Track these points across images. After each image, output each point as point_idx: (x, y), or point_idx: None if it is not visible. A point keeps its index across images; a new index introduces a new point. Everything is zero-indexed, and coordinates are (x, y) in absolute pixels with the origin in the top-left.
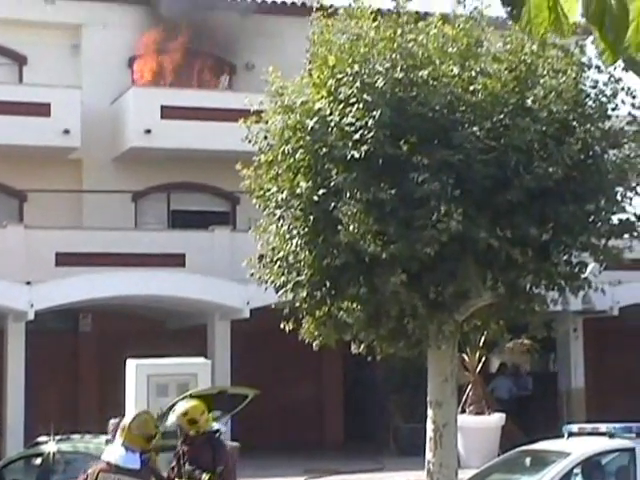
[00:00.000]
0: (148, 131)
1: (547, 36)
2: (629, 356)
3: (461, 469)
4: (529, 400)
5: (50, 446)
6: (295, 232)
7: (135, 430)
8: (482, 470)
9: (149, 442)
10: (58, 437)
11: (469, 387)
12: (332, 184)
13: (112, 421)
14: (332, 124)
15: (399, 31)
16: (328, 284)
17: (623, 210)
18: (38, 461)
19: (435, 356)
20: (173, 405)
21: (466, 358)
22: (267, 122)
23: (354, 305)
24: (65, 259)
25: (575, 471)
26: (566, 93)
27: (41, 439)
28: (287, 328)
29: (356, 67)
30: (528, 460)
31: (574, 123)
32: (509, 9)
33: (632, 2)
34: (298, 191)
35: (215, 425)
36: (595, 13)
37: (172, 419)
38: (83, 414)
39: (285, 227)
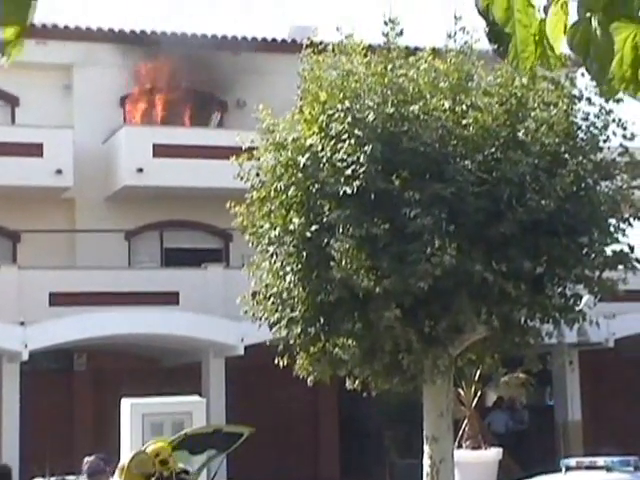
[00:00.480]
0: (140, 170)
1: (536, 69)
2: (626, 388)
3: None
4: (525, 434)
5: None
6: (288, 268)
7: (134, 469)
8: None
9: None
10: (53, 478)
11: (465, 422)
12: (325, 220)
13: (87, 459)
14: (324, 160)
15: (390, 66)
16: (322, 320)
17: (616, 242)
18: None
19: (430, 391)
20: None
21: (461, 392)
22: (259, 159)
23: (349, 341)
24: (59, 299)
25: None
26: (557, 125)
27: None
28: (281, 364)
29: (347, 103)
30: None
31: (566, 155)
32: (495, 46)
33: (618, 34)
34: (291, 227)
35: (181, 465)
36: (580, 43)
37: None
38: (78, 454)
39: (278, 264)
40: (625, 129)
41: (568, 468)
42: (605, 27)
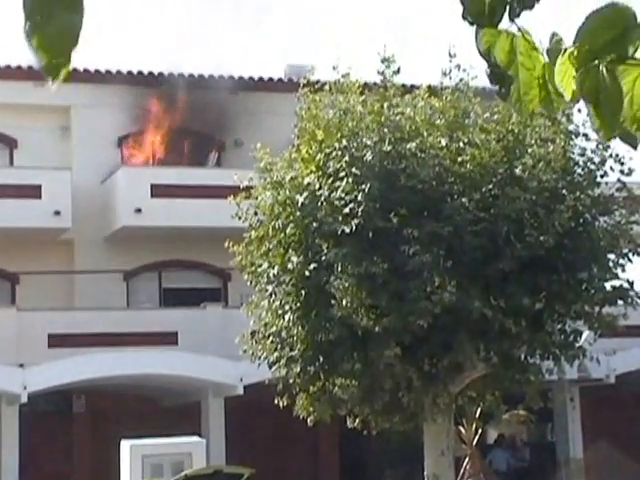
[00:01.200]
0: (138, 210)
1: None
2: (627, 424)
3: None
4: (527, 471)
5: None
6: (287, 307)
7: None
8: None
9: None
10: None
11: (466, 460)
12: (323, 258)
13: None
14: (322, 199)
15: (386, 104)
16: (322, 359)
17: (616, 277)
18: None
19: (431, 429)
20: None
21: (462, 430)
22: (257, 198)
23: (348, 381)
24: (58, 340)
25: None
26: (555, 162)
27: None
28: (281, 404)
29: (344, 141)
30: None
31: (564, 191)
32: (497, 87)
33: (625, 77)
34: (289, 266)
35: None
36: (590, 90)
37: None
38: None
39: (277, 302)
40: (622, 164)
41: None
42: (612, 72)
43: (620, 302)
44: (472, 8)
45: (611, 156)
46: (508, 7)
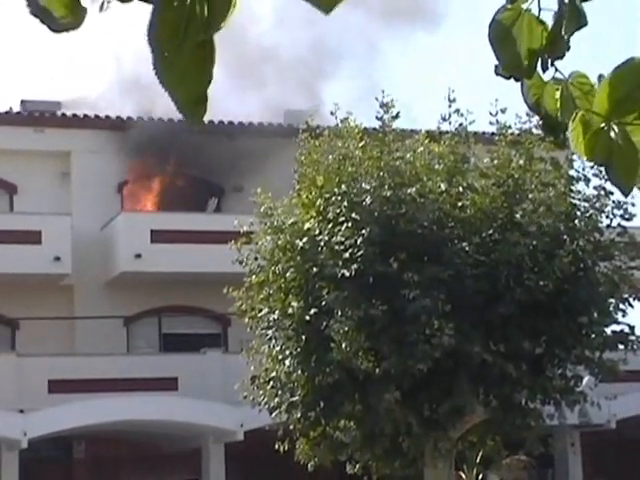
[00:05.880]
0: (138, 255)
1: (533, 151)
2: (628, 469)
3: None
4: None
5: None
6: (287, 352)
7: None
8: None
9: None
10: None
11: None
12: (323, 303)
13: None
14: (322, 243)
15: (386, 149)
16: (322, 404)
17: (616, 322)
18: None
19: (432, 475)
20: None
21: (463, 476)
22: (257, 243)
23: (349, 423)
24: (58, 386)
25: None
26: (555, 206)
27: None
28: (282, 449)
29: (344, 187)
30: None
31: (564, 236)
32: (552, 137)
33: (635, 135)
34: (290, 311)
35: None
36: (601, 152)
37: None
38: None
39: (277, 347)
40: (626, 212)
41: None
42: (624, 131)
43: (621, 347)
44: (508, 63)
45: (614, 202)
46: (540, 59)
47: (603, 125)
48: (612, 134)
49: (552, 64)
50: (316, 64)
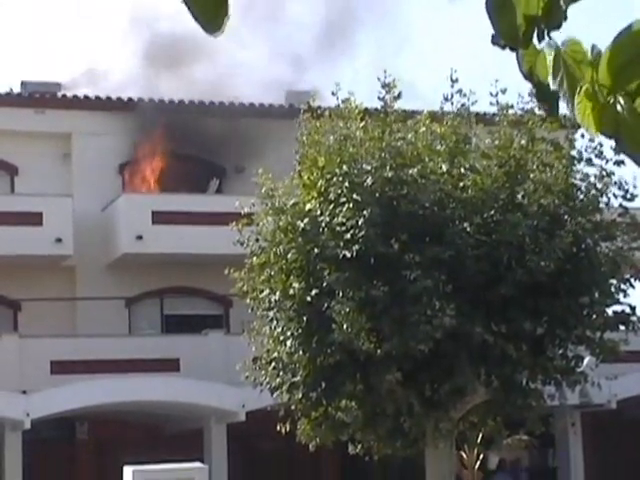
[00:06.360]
0: (140, 237)
1: (535, 131)
2: (629, 449)
3: None
4: None
5: None
6: (289, 333)
7: None
8: None
9: None
10: None
11: None
12: (325, 284)
13: None
14: (323, 224)
15: (387, 130)
16: (323, 384)
17: (617, 302)
18: None
19: (433, 454)
20: None
21: (464, 455)
22: (258, 224)
23: (351, 403)
24: (60, 367)
25: None
26: (556, 187)
27: None
28: (284, 430)
29: (345, 167)
30: None
31: (565, 216)
32: (544, 105)
33: None
34: (291, 292)
35: None
36: (609, 125)
37: None
38: None
39: (279, 328)
40: (627, 192)
41: None
42: (630, 105)
43: (622, 327)
44: (505, 32)
45: (615, 183)
46: (536, 29)
47: (609, 98)
48: (619, 107)
49: (548, 35)
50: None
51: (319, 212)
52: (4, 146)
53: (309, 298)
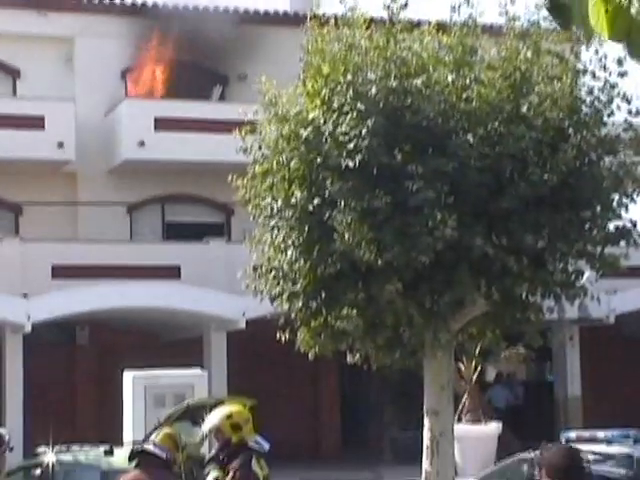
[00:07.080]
0: (142, 143)
1: (541, 43)
2: (625, 364)
3: (458, 478)
4: (523, 409)
5: (50, 457)
6: (290, 242)
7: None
8: (480, 479)
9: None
10: (58, 448)
11: (465, 396)
12: (327, 193)
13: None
14: (326, 133)
15: (392, 40)
16: (324, 294)
17: (619, 217)
18: (38, 472)
19: (431, 365)
20: (169, 416)
21: (462, 367)
22: (261, 132)
23: (352, 311)
24: (61, 271)
25: None
26: (561, 100)
27: (41, 450)
28: (283, 338)
29: (349, 76)
30: (525, 468)
31: (569, 130)
32: (557, 18)
33: None
34: (293, 201)
35: (258, 439)
36: (620, 30)
37: (213, 421)
38: (80, 425)
39: (280, 237)
40: (630, 103)
41: (568, 441)
42: None
43: (622, 242)
44: None
45: (619, 94)
46: None
47: (622, 3)
48: (632, 10)
49: None
50: None
51: (322, 121)
52: (7, 48)
53: (311, 207)
